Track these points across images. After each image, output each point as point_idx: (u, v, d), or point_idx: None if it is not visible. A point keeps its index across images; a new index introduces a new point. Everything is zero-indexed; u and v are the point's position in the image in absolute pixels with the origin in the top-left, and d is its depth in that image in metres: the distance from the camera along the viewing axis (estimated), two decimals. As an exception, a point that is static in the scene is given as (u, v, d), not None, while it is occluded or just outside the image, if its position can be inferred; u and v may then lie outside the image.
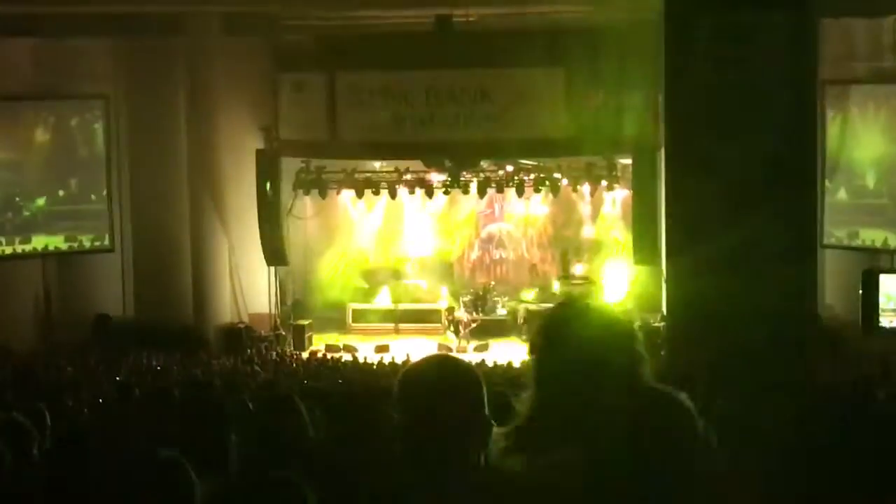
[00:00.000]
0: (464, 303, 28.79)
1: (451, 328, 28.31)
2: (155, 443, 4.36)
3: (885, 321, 19.06)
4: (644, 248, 25.18)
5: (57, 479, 4.30)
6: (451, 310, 28.75)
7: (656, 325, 25.14)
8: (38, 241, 26.82)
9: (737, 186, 8.99)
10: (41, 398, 10.78)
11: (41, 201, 26.94)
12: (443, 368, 3.30)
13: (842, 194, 24.11)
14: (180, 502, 3.30)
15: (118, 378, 18.55)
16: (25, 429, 4.57)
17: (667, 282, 19.19)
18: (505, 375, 19.44)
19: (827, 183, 23.52)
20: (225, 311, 27.73)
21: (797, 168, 10.64)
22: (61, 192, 27.17)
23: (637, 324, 3.43)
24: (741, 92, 8.98)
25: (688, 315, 12.12)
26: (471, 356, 25.33)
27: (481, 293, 29.21)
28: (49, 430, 6.20)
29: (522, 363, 23.01)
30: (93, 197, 27.52)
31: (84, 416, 9.26)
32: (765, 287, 10.36)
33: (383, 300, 30.16)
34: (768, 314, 10.81)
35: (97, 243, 27.55)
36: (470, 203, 30.28)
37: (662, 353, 22.13)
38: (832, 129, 23.69)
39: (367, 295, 30.37)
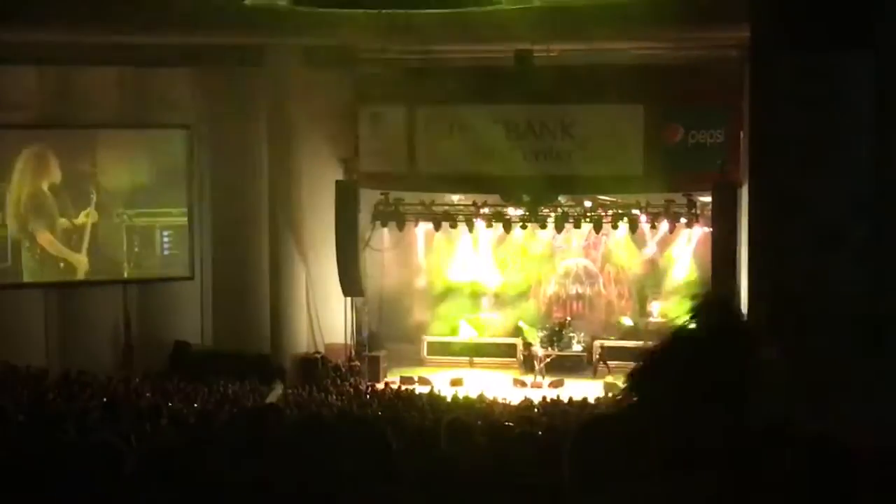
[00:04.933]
0: (540, 338, 28.68)
1: (526, 363, 28.28)
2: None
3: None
4: (722, 286, 24.89)
5: (148, 498, 4.38)
6: (527, 345, 28.69)
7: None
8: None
9: (820, 226, 8.92)
10: (122, 423, 10.93)
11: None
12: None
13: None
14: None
15: (196, 405, 18.79)
16: (118, 449, 4.67)
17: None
18: (581, 412, 19.38)
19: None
20: (301, 341, 27.92)
21: (881, 208, 10.55)
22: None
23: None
24: (826, 131, 8.92)
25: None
26: (546, 392, 25.27)
27: (557, 328, 29.10)
28: (135, 452, 6.32)
29: (597, 399, 22.93)
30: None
31: (167, 440, 9.37)
32: (846, 328, 10.24)
33: (459, 333, 30.18)
34: (849, 354, 10.69)
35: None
36: (547, 238, 30.20)
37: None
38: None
39: (443, 328, 30.39)
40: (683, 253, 29.45)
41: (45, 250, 26.83)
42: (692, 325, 2.93)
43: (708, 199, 26.00)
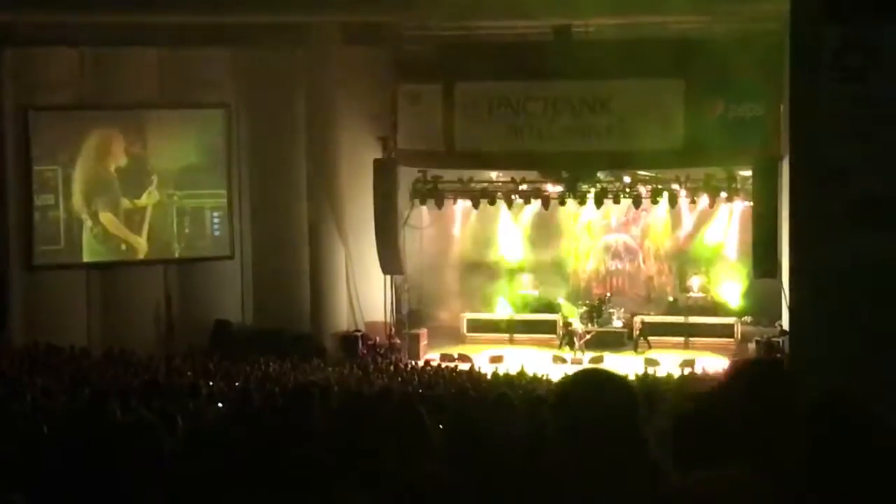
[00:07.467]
0: (579, 314, 28.59)
1: (566, 339, 28.19)
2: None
3: None
4: (764, 260, 24.76)
5: (189, 477, 4.39)
6: (566, 321, 28.60)
7: (775, 339, 24.80)
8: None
9: (865, 201, 8.78)
10: (164, 402, 10.98)
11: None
12: (597, 381, 3.36)
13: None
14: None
15: (237, 384, 18.86)
16: (156, 428, 4.67)
17: (788, 296, 18.88)
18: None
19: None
20: (341, 319, 27.99)
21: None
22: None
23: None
24: (870, 103, 8.77)
25: (811, 332, 11.84)
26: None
27: (597, 304, 29.00)
28: (179, 431, 6.36)
29: (637, 377, 22.85)
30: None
31: (208, 418, 9.42)
32: (891, 304, 10.10)
33: (498, 310, 30.14)
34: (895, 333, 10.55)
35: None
36: (587, 214, 30.06)
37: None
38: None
39: (482, 305, 30.36)
40: (728, 228, 29.24)
41: (107, 231, 27.04)
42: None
43: (748, 173, 25.82)
